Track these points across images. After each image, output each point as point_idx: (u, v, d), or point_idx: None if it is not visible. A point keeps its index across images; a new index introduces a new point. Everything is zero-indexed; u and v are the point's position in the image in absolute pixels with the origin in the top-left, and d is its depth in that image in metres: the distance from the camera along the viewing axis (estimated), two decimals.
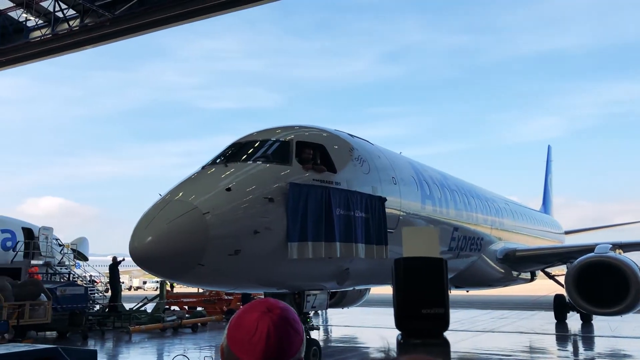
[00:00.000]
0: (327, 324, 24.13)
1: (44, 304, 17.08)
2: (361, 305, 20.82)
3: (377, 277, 12.07)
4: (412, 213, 12.07)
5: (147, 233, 7.38)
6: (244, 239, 7.82)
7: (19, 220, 27.84)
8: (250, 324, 1.65)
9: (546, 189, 37.89)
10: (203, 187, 8.25)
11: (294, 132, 9.91)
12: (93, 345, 17.71)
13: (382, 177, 10.94)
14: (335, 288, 10.85)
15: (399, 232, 11.11)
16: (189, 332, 21.26)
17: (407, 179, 12.28)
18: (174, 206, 7.65)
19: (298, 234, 8.37)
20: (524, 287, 24.28)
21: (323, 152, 9.77)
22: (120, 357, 16.25)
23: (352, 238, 9.28)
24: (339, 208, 9.08)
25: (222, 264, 7.71)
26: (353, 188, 9.72)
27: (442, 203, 13.95)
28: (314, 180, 9.07)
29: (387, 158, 11.92)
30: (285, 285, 9.38)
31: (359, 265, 10.00)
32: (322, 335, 20.30)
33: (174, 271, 7.66)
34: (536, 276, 21.80)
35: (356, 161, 10.34)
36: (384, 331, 21.22)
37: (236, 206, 7.92)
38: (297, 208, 8.43)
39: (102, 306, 23.94)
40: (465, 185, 17.23)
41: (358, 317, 26.03)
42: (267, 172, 8.86)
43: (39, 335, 19.28)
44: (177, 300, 27.42)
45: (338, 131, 11.07)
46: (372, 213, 9.85)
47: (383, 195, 10.41)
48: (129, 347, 17.50)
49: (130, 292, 62.73)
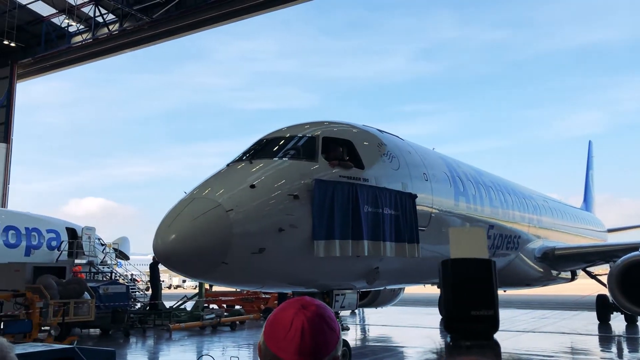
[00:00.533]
0: (364, 323, 24.10)
1: (88, 302, 17.53)
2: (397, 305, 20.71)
3: (408, 277, 11.79)
4: (445, 210, 11.78)
5: (170, 231, 7.34)
6: (269, 237, 7.72)
7: (63, 221, 28.65)
8: (286, 321, 1.68)
9: (587, 185, 36.98)
10: (227, 184, 8.12)
11: (320, 128, 9.72)
12: (135, 343, 18.11)
13: (413, 173, 10.69)
14: (365, 287, 10.55)
15: (431, 230, 10.88)
16: (228, 330, 21.53)
17: (439, 175, 11.96)
18: (197, 204, 7.60)
19: (325, 232, 8.21)
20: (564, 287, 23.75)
21: (350, 148, 9.57)
22: (161, 355, 16.57)
23: (380, 236, 9.05)
24: (366, 205, 8.87)
25: (246, 263, 7.62)
26: (382, 185, 9.49)
27: (477, 200, 13.60)
28: (340, 176, 8.88)
29: (418, 154, 11.65)
30: (312, 285, 9.22)
31: (390, 264, 9.79)
32: (359, 335, 20.30)
33: (198, 270, 7.60)
34: (577, 276, 21.27)
35: (385, 157, 10.09)
36: (422, 331, 21.08)
37: (260, 203, 7.80)
38: (323, 205, 8.27)
39: (143, 304, 24.44)
40: (501, 181, 16.86)
41: (395, 316, 25.90)
42: (292, 168, 8.68)
43: (83, 332, 19.81)
44: (215, 298, 27.79)
45: (366, 127, 10.84)
46: (402, 210, 9.59)
47: (413, 192, 10.15)
48: (169, 344, 17.83)
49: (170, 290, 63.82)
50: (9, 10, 39.21)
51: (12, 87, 44.95)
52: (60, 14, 41.23)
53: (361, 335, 20.31)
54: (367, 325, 23.59)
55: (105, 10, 40.26)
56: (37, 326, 15.55)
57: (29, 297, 15.41)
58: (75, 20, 40.89)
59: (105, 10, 40.26)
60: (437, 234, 11.27)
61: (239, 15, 36.84)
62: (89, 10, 40.24)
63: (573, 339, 18.17)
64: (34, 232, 26.78)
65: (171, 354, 16.48)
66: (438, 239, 11.41)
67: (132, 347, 17.41)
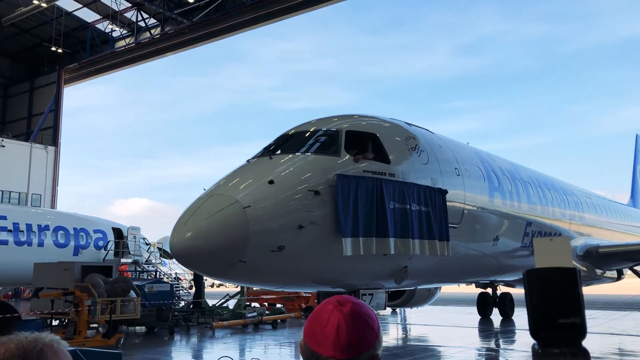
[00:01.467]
0: (406, 323, 23.95)
1: (134, 300, 17.96)
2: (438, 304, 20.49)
3: (440, 276, 11.42)
4: (479, 206, 11.34)
5: (186, 229, 7.16)
6: (288, 235, 7.45)
7: (109, 221, 29.45)
8: (323, 318, 1.72)
9: (634, 181, 35.81)
10: (245, 181, 7.89)
11: (344, 122, 9.38)
12: (179, 341, 18.46)
13: (443, 168, 10.22)
14: (394, 287, 10.12)
15: (463, 227, 10.45)
16: (269, 328, 21.72)
17: (472, 169, 11.49)
18: (214, 200, 7.38)
19: (350, 229, 7.90)
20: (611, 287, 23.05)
21: (376, 142, 9.19)
22: (205, 352, 16.85)
23: (408, 233, 8.66)
24: (392, 201, 8.49)
25: (265, 261, 7.35)
26: (409, 180, 9.09)
27: (513, 196, 13.10)
28: (364, 171, 8.51)
29: (450, 148, 11.18)
30: (337, 284, 8.94)
31: (419, 263, 9.39)
32: (399, 334, 20.19)
33: (215, 268, 7.40)
34: (624, 275, 20.57)
35: (413, 151, 9.68)
36: (464, 330, 20.80)
37: (279, 200, 7.53)
38: (346, 201, 7.94)
39: (187, 302, 24.89)
40: (540, 177, 16.33)
41: (437, 315, 25.64)
42: (313, 163, 8.36)
43: (129, 330, 20.32)
44: (257, 297, 28.08)
45: (394, 119, 10.49)
46: (431, 206, 9.18)
47: (444, 188, 9.69)
48: (213, 342, 18.10)
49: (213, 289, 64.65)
50: (55, 17, 40.49)
51: (60, 92, 46.40)
52: (104, 20, 42.38)
53: (402, 334, 20.19)
54: (408, 324, 23.43)
55: (147, 15, 41.20)
56: (85, 323, 16.03)
57: (77, 295, 15.90)
58: (118, 26, 41.97)
59: (147, 15, 41.20)
60: (470, 231, 10.93)
61: (277, 16, 37.13)
62: (131, 15, 41.24)
63: (622, 340, 17.63)
64: (82, 232, 27.63)
65: (214, 352, 16.73)
66: (472, 236, 11.10)
67: (177, 345, 17.76)
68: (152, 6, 38.90)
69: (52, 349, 1.38)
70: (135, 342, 17.70)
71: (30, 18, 40.72)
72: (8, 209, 30.44)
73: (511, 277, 15.46)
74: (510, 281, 18.43)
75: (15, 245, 25.65)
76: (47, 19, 41.00)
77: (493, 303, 24.26)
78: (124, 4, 40.17)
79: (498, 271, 13.89)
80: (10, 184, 41.74)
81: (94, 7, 41.18)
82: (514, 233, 12.88)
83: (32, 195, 43.06)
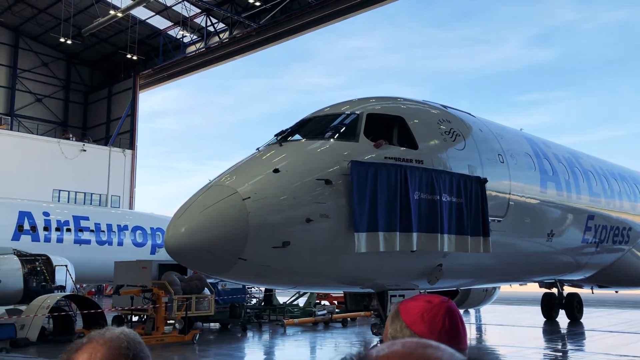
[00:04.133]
0: (480, 322, 23.38)
1: (208, 298, 18.44)
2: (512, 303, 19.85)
3: (484, 276, 10.47)
4: (528, 197, 10.12)
5: (180, 223, 6.51)
6: (294, 229, 6.69)
7: None
8: (424, 307, 1.73)
9: None
10: (249, 170, 7.19)
11: (367, 104, 8.48)
12: (252, 337, 18.80)
13: (484, 154, 9.13)
14: (427, 287, 9.11)
15: (510, 220, 9.40)
16: (339, 326, 21.76)
17: (520, 156, 10.33)
18: (212, 191, 6.72)
19: (366, 223, 7.00)
20: None
21: (402, 126, 8.23)
22: (277, 349, 17.08)
23: (437, 227, 7.67)
24: (418, 191, 7.52)
25: (268, 258, 6.62)
26: (440, 167, 8.10)
27: (571, 186, 11.84)
28: (386, 158, 7.58)
29: (492, 132, 10.04)
30: (360, 283, 8.15)
31: (457, 261, 8.46)
32: (473, 334, 19.72)
33: (212, 267, 6.72)
34: None
35: (447, 135, 8.62)
36: (540, 331, 20.06)
37: (284, 190, 6.77)
38: (362, 191, 7.05)
39: (259, 300, 25.34)
40: (605, 165, 14.92)
41: (512, 316, 24.93)
42: (326, 150, 7.57)
43: (204, 326, 20.89)
44: (327, 295, 28.19)
45: (426, 101, 9.53)
46: (466, 197, 8.10)
47: (483, 176, 8.59)
48: (284, 339, 18.32)
49: None
50: (130, 26, 42.31)
51: (135, 98, 48.48)
52: (175, 26, 43.88)
53: (476, 334, 19.71)
54: (482, 324, 22.85)
55: (215, 20, 42.31)
56: (162, 320, 16.61)
57: (155, 293, 16.49)
58: (189, 31, 43.35)
59: (215, 20, 42.31)
60: (518, 225, 9.85)
61: (342, 15, 37.21)
62: (201, 21, 42.46)
63: None
64: (158, 231, 28.70)
65: (286, 349, 16.94)
66: (520, 231, 10.03)
67: (250, 341, 18.10)
68: (221, 11, 39.89)
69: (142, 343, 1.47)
70: (210, 338, 18.18)
71: (108, 28, 42.72)
72: (90, 210, 32.08)
73: (574, 276, 14.13)
74: (575, 281, 17.23)
75: (97, 245, 27.01)
76: (123, 28, 42.90)
77: (559, 304, 22.36)
78: (193, 10, 41.42)
79: (555, 270, 12.77)
80: (91, 186, 43.98)
81: (165, 15, 42.71)
82: (573, 227, 11.72)
83: (111, 197, 45.23)
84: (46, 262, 21.22)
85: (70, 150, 43.48)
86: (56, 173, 41.48)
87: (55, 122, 48.85)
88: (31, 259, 21.13)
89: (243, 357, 15.38)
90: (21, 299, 20.28)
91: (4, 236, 24.34)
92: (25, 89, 47.36)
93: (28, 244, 24.23)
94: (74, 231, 26.98)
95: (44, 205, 29.41)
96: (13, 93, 46.53)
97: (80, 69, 50.78)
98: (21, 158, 39.75)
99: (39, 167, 40.52)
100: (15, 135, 42.38)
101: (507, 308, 27.47)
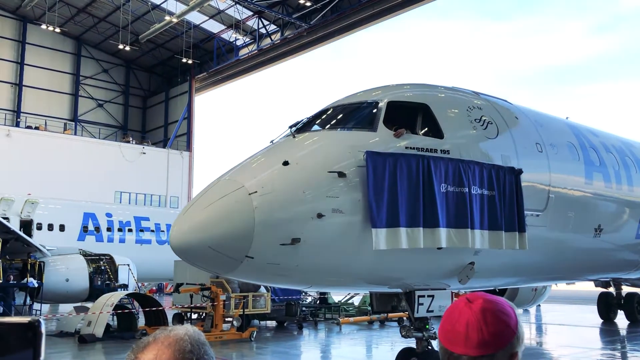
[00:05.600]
0: (540, 322, 22.76)
1: (264, 296, 18.71)
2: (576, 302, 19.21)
3: (522, 275, 9.75)
4: (571, 189, 9.35)
5: (184, 220, 6.21)
6: (304, 225, 6.25)
7: None
8: (455, 315, 1.70)
9: None
10: (258, 163, 6.81)
11: (389, 91, 7.98)
12: (308, 335, 18.94)
13: (520, 142, 8.49)
14: (458, 287, 8.54)
15: (550, 215, 8.72)
16: (395, 325, 21.64)
17: (561, 145, 9.58)
18: (220, 186, 6.40)
19: (385, 218, 6.52)
20: None
21: (427, 114, 7.72)
22: (333, 347, 17.16)
23: (466, 222, 7.12)
24: (444, 183, 7.03)
25: (277, 256, 6.22)
26: (469, 157, 7.51)
27: (621, 177, 10.94)
28: (407, 148, 7.10)
29: (531, 120, 9.32)
30: (376, 282, 7.67)
31: (490, 258, 7.86)
32: (532, 334, 19.22)
33: (219, 265, 6.34)
34: None
35: (477, 123, 8.04)
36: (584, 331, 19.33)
37: (293, 183, 6.38)
38: (379, 184, 6.57)
39: (314, 298, 25.50)
40: None
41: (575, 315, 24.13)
42: (341, 140, 7.11)
43: (261, 324, 21.21)
44: None
45: (456, 88, 8.91)
46: (499, 190, 7.55)
47: (519, 167, 8.00)
48: (340, 337, 18.38)
49: None
50: (185, 31, 43.42)
51: (191, 101, 49.71)
52: (228, 30, 44.70)
53: (536, 334, 19.20)
54: (543, 324, 22.24)
55: (267, 22, 42.84)
56: (221, 317, 16.97)
57: (213, 291, 16.86)
58: (241, 34, 44.06)
59: (267, 22, 42.84)
60: (560, 220, 9.10)
61: (394, 11, 36.91)
62: (253, 23, 43.10)
63: None
64: None
65: (342, 347, 16.99)
66: (563, 225, 9.24)
67: (306, 339, 18.25)
68: (272, 12, 40.36)
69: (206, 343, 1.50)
70: (267, 336, 18.45)
71: (164, 33, 44.00)
72: (150, 210, 33.12)
73: (630, 275, 13.09)
74: (634, 280, 16.18)
75: (158, 244, 27.85)
76: (178, 33, 44.06)
77: (617, 305, 21.03)
78: (245, 12, 42.06)
79: (606, 268, 11.90)
80: (151, 188, 45.39)
81: (218, 18, 43.58)
82: (625, 222, 10.82)
83: (170, 197, 46.54)
84: (110, 261, 22.09)
85: (130, 153, 45.01)
86: (117, 175, 43.01)
87: (116, 126, 50.72)
88: (96, 259, 22.04)
89: (300, 355, 15.53)
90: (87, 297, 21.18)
91: (71, 237, 25.45)
92: (88, 95, 49.37)
93: (92, 244, 25.25)
94: (135, 231, 27.92)
95: (107, 206, 30.58)
96: (76, 100, 48.58)
97: (138, 74, 52.54)
98: (85, 161, 41.42)
99: (102, 169, 42.10)
100: (80, 140, 44.24)
101: (568, 307, 26.64)
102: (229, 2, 39.83)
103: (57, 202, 27.24)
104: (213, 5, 40.44)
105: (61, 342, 15.86)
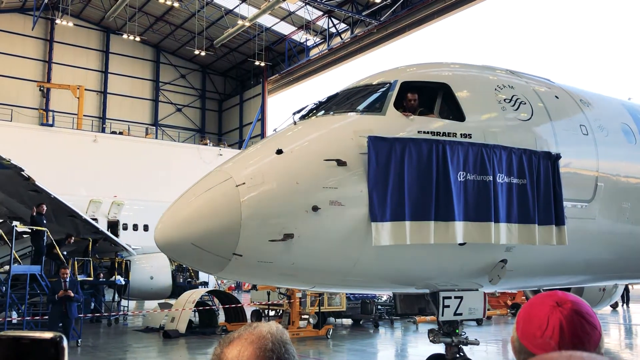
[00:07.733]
0: (630, 323, 21.58)
1: (339, 294, 18.82)
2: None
3: (563, 275, 8.40)
4: (624, 177, 8.20)
5: (169, 214, 5.75)
6: (297, 219, 5.62)
7: None
8: (541, 319, 1.65)
9: None
10: (254, 152, 6.32)
11: (405, 72, 7.16)
12: (384, 334, 18.88)
13: (559, 124, 7.46)
14: (490, 288, 7.55)
15: (598, 205, 7.63)
16: (474, 325, 21.18)
17: (612, 127, 8.36)
18: (209, 178, 5.97)
19: (388, 210, 5.83)
20: None
21: (447, 94, 6.87)
22: (409, 346, 17.02)
23: (489, 215, 6.27)
24: (463, 171, 6.21)
25: (269, 254, 5.62)
26: (496, 141, 6.60)
27: None
28: (420, 132, 6.29)
29: (574, 99, 8.17)
30: (389, 282, 7.00)
31: (527, 255, 6.97)
32: (621, 336, 18.26)
33: (205, 263, 5.82)
34: None
35: (506, 103, 7.09)
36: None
37: (285, 173, 5.77)
38: (383, 173, 5.87)
39: (389, 296, 25.37)
40: None
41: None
42: (342, 125, 6.37)
43: (337, 321, 21.35)
44: None
45: (487, 66, 7.95)
46: (531, 177, 6.63)
47: (557, 151, 6.98)
48: (417, 336, 18.20)
49: None
50: (257, 34, 44.36)
51: (265, 102, 50.74)
52: (298, 31, 45.24)
53: (624, 336, 18.22)
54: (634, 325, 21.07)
55: (337, 21, 42.99)
56: (297, 314, 17.24)
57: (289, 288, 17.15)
58: (312, 34, 44.48)
59: (337, 21, 42.99)
60: (612, 210, 7.93)
61: (465, 4, 36.05)
62: (323, 23, 43.38)
63: None
64: None
65: (418, 346, 16.81)
66: (616, 217, 8.03)
67: (381, 338, 18.21)
68: (342, 11, 40.45)
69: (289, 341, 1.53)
70: (343, 334, 18.54)
71: (237, 37, 45.15)
72: None
73: None
74: None
75: None
76: (251, 37, 45.09)
77: None
78: (315, 13, 42.39)
79: None
80: None
81: (289, 20, 44.18)
82: None
83: None
84: None
85: (208, 155, 46.44)
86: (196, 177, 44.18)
87: (194, 129, 52.60)
88: None
89: (376, 353, 15.51)
90: (170, 294, 22.10)
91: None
92: (167, 100, 51.50)
93: None
94: None
95: None
96: (156, 105, 50.80)
97: (214, 78, 54.28)
98: (166, 164, 43.15)
99: (181, 172, 43.67)
100: (161, 143, 46.15)
101: None
102: (299, 3, 40.27)
103: (141, 203, 28.48)
104: (284, 7, 41.04)
105: (147, 337, 16.63)
